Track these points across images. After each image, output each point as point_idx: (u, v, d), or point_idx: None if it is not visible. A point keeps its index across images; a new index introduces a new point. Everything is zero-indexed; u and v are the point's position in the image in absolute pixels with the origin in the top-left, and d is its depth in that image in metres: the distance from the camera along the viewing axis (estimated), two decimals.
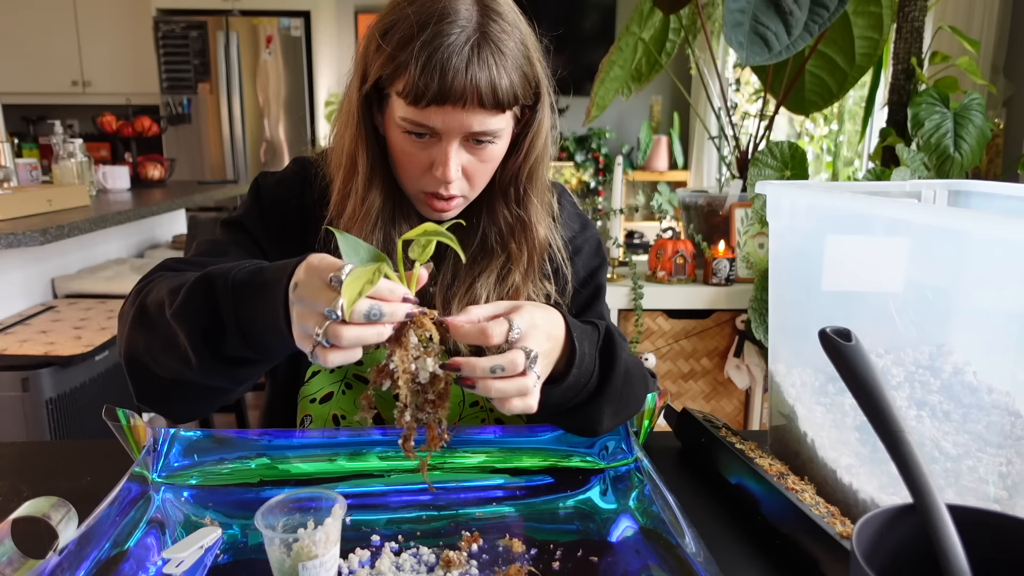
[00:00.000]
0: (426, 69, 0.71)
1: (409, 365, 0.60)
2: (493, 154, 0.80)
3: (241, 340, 0.66)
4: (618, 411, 0.78)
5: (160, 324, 0.70)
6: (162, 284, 0.73)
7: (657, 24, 2.26)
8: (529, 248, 0.86)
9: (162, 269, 0.80)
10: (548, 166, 0.88)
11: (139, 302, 0.73)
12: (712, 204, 2.17)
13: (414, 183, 0.81)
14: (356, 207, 0.82)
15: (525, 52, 0.77)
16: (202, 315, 0.67)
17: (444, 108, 0.73)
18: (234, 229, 0.88)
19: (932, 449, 0.62)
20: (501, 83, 0.73)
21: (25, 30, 4.56)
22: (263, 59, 4.42)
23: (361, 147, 0.81)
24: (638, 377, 0.82)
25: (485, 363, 0.62)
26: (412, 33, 0.72)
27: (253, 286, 0.65)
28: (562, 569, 0.63)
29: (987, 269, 0.58)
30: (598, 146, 4.90)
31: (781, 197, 0.79)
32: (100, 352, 1.90)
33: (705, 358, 2.17)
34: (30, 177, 2.61)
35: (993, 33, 2.67)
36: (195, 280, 0.68)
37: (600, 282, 0.97)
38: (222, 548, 0.65)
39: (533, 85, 0.79)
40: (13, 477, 0.79)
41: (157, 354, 0.71)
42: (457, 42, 0.71)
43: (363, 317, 0.56)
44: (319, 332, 0.56)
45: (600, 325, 0.79)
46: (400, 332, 0.59)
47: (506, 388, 0.63)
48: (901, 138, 2.07)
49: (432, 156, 0.77)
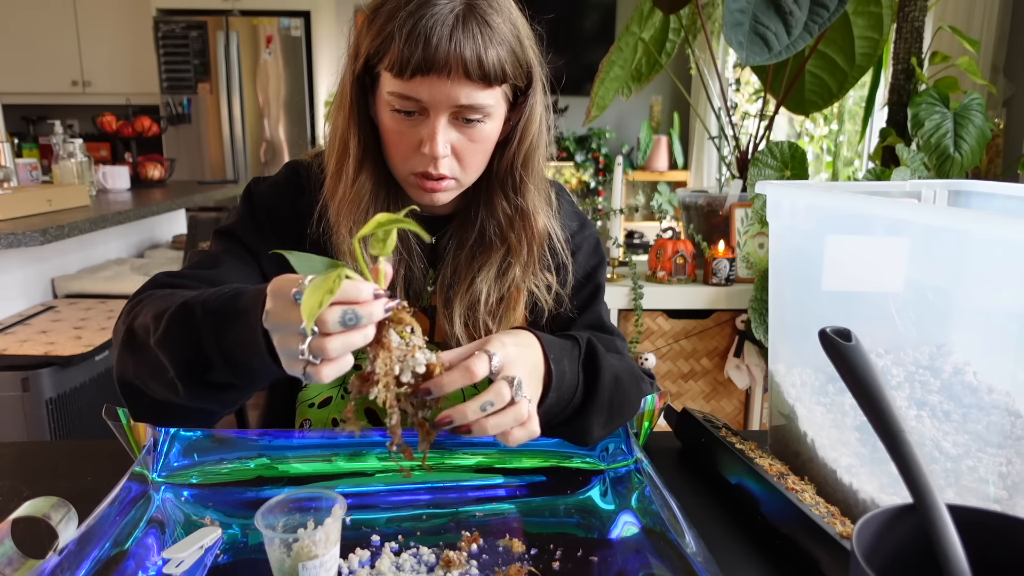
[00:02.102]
0: (410, 38, 0.71)
1: (393, 367, 0.58)
2: (484, 134, 0.79)
3: (227, 368, 0.65)
4: (610, 420, 0.78)
5: (146, 350, 0.69)
6: (149, 307, 0.72)
7: (657, 24, 2.26)
8: (528, 239, 0.86)
9: (153, 286, 0.80)
10: (545, 156, 0.87)
11: (128, 325, 0.73)
12: (712, 204, 2.17)
13: (404, 164, 0.80)
14: (347, 189, 0.82)
15: (515, 32, 0.77)
16: (185, 346, 0.66)
17: (429, 78, 0.73)
18: (227, 239, 0.87)
19: (932, 449, 0.62)
20: (488, 55, 0.73)
21: (25, 30, 4.56)
22: (263, 59, 4.42)
23: (353, 129, 0.81)
24: (630, 383, 0.81)
25: (473, 404, 0.62)
26: (399, 5, 0.73)
27: (229, 316, 0.64)
28: (562, 569, 0.63)
29: (987, 269, 0.58)
30: (598, 146, 4.90)
31: (781, 197, 0.79)
32: (100, 352, 1.90)
33: (705, 358, 2.17)
34: (30, 177, 2.61)
35: (993, 33, 2.67)
36: (175, 309, 0.67)
37: (599, 281, 0.97)
38: (222, 548, 0.65)
39: (524, 67, 0.79)
40: (13, 477, 0.79)
41: (146, 379, 0.71)
42: (442, 12, 0.72)
43: (339, 325, 0.54)
44: (304, 351, 0.55)
45: (581, 337, 0.78)
46: (379, 332, 0.57)
47: (502, 422, 0.63)
48: (901, 138, 2.07)
49: (421, 134, 0.77)
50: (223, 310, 0.64)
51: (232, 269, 0.84)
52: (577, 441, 0.78)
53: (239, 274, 0.84)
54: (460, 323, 0.86)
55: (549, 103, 0.86)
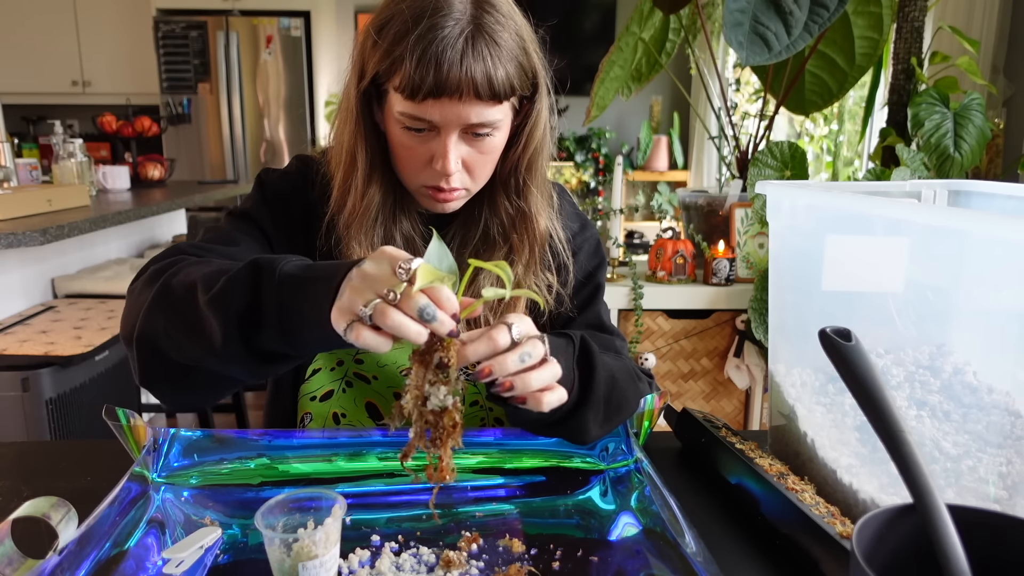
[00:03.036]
0: (421, 63, 0.71)
1: (424, 384, 0.59)
2: (492, 145, 0.80)
3: (278, 332, 0.64)
4: (606, 419, 0.77)
5: (188, 308, 0.67)
6: (191, 268, 0.71)
7: (657, 24, 2.26)
8: (530, 239, 0.87)
9: (178, 252, 0.79)
10: (548, 158, 0.88)
11: (163, 282, 0.71)
12: (712, 204, 2.17)
13: (415, 178, 0.81)
14: (356, 203, 0.82)
15: (521, 43, 0.77)
16: (242, 303, 0.65)
17: (441, 101, 0.73)
18: (242, 220, 0.87)
19: (932, 449, 0.62)
20: (497, 74, 0.73)
21: (25, 30, 4.56)
22: (263, 59, 4.42)
23: (360, 143, 0.81)
24: (626, 381, 0.81)
25: (512, 356, 0.62)
26: (407, 28, 0.72)
27: (303, 280, 0.63)
28: (562, 569, 0.63)
29: (987, 269, 0.58)
30: (598, 146, 4.90)
31: (781, 197, 0.79)
32: (100, 352, 1.90)
33: (705, 358, 2.17)
34: (30, 177, 2.61)
35: (993, 33, 2.67)
36: (242, 267, 0.66)
37: (599, 281, 0.97)
38: (222, 548, 0.65)
39: (530, 76, 0.79)
40: (13, 477, 0.79)
41: (179, 337, 0.69)
42: (451, 35, 0.71)
43: (416, 310, 0.56)
44: (365, 308, 0.56)
45: (575, 336, 0.78)
46: (428, 349, 0.59)
47: (543, 376, 0.63)
48: (901, 138, 2.07)
49: (432, 150, 0.78)
50: (295, 273, 0.64)
51: (249, 249, 0.83)
52: (574, 440, 0.78)
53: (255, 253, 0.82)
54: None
55: (553, 103, 0.86)
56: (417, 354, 0.59)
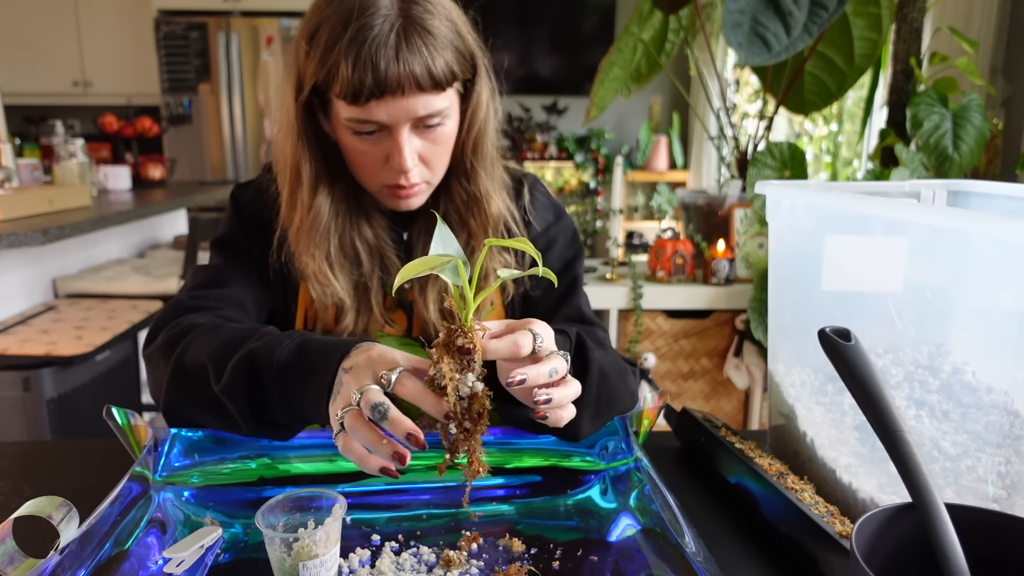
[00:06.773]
0: (357, 65, 0.71)
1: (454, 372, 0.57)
2: (445, 135, 0.80)
3: (288, 416, 0.69)
4: (597, 414, 0.76)
5: (204, 394, 0.71)
6: (198, 343, 0.74)
7: (657, 24, 2.26)
8: (483, 222, 0.87)
9: (181, 311, 0.81)
10: (494, 139, 0.88)
11: (175, 361, 0.74)
12: (712, 204, 2.18)
13: (374, 180, 0.82)
14: (303, 215, 0.83)
15: (454, 27, 0.77)
16: (249, 393, 0.68)
17: (384, 100, 0.73)
18: (227, 252, 0.89)
19: (931, 448, 0.62)
20: (436, 64, 0.73)
21: (26, 31, 4.56)
22: (263, 59, 4.42)
23: (304, 155, 0.81)
24: (616, 376, 0.80)
25: (543, 367, 0.59)
26: (337, 33, 0.72)
27: (298, 373, 0.66)
28: (562, 569, 0.63)
29: (986, 269, 0.59)
30: (598, 146, 4.89)
31: (780, 197, 0.79)
32: (101, 352, 1.91)
33: (705, 358, 2.17)
34: (31, 177, 2.61)
35: (992, 34, 2.67)
36: (239, 360, 0.69)
37: (576, 273, 0.96)
38: (223, 547, 0.65)
39: (469, 59, 0.79)
40: (14, 477, 0.79)
41: (203, 416, 0.74)
42: (382, 32, 0.71)
43: (375, 414, 0.56)
44: (343, 413, 0.58)
45: (571, 331, 0.78)
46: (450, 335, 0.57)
47: (567, 393, 0.61)
48: (900, 138, 2.08)
49: (386, 150, 0.78)
50: (291, 366, 0.67)
51: (241, 284, 0.86)
52: (567, 437, 0.78)
53: (247, 286, 0.87)
54: (434, 308, 0.88)
55: (494, 86, 0.86)
56: (440, 345, 0.57)
